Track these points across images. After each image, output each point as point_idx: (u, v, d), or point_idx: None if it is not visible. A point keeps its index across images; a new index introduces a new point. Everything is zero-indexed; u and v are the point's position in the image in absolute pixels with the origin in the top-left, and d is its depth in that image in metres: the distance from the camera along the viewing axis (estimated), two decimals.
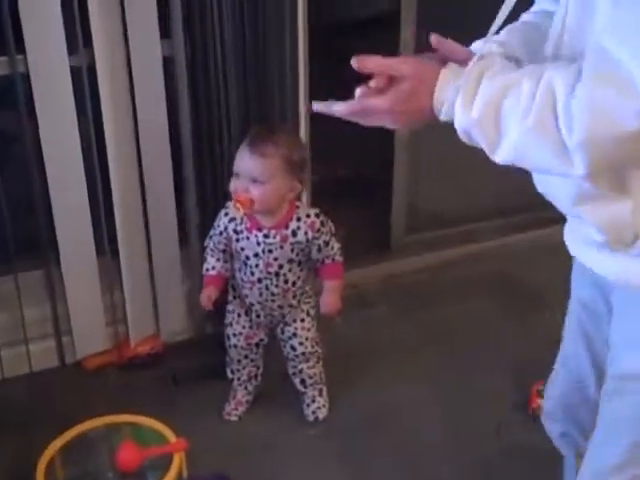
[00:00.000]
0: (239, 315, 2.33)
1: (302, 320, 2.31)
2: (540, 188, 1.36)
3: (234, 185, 2.10)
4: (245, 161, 2.09)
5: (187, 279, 2.62)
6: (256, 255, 2.19)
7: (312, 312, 2.33)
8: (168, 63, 2.35)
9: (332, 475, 2.23)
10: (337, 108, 1.23)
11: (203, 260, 2.30)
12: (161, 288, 2.58)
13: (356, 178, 3.52)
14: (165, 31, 2.30)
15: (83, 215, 2.41)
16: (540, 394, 2.39)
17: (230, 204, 2.18)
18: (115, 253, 2.50)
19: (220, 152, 2.42)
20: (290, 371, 2.39)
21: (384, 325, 2.80)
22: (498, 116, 1.13)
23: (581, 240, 1.35)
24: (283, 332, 2.33)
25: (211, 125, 2.39)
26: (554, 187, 1.29)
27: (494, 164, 1.22)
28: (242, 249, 2.20)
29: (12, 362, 2.53)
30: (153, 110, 2.34)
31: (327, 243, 2.20)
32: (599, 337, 1.49)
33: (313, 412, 2.40)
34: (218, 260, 2.26)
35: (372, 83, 1.20)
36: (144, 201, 2.45)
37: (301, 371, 2.37)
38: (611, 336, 1.40)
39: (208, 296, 2.23)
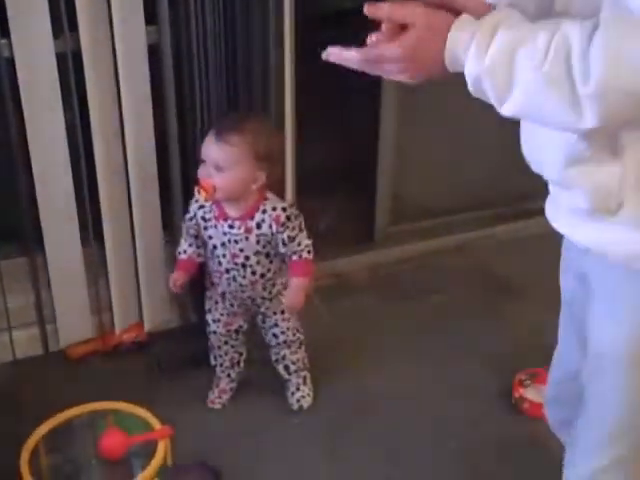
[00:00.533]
0: (217, 302, 2.33)
1: (282, 312, 2.32)
2: (528, 154, 1.36)
3: (200, 171, 2.12)
4: (209, 148, 2.10)
5: (171, 267, 2.61)
6: (222, 245, 2.19)
7: None
8: (153, 50, 2.34)
9: (316, 464, 2.23)
10: (348, 54, 1.21)
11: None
12: (145, 276, 2.58)
13: (341, 168, 3.52)
14: (150, 18, 2.29)
15: (68, 203, 2.40)
16: (522, 384, 2.42)
17: (197, 188, 2.17)
18: (100, 241, 2.50)
19: (204, 141, 2.42)
20: (273, 358, 2.40)
21: (368, 314, 2.81)
22: (511, 64, 1.11)
23: (563, 210, 1.35)
24: (264, 322, 2.34)
25: (195, 112, 2.38)
26: (545, 150, 1.29)
27: (478, 156, 1.22)
28: (210, 237, 2.21)
29: None
30: (138, 97, 2.34)
31: (292, 239, 2.16)
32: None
33: (297, 400, 2.41)
34: (190, 245, 2.26)
35: (383, 28, 1.19)
36: (128, 188, 2.45)
37: (284, 357, 2.38)
38: (590, 318, 1.42)
39: (175, 280, 2.24)
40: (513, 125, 1.47)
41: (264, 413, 2.40)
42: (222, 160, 2.08)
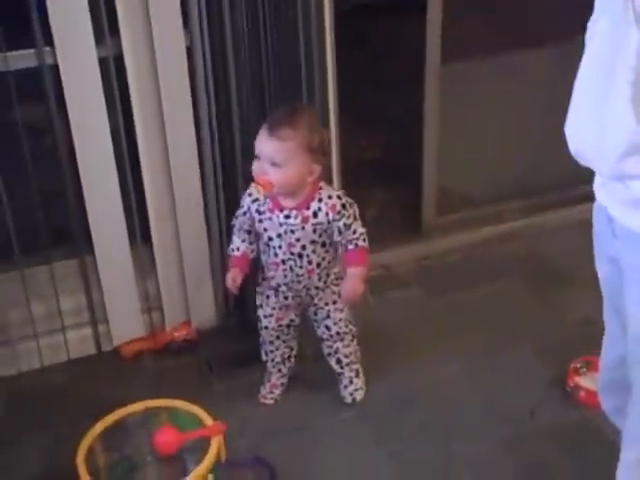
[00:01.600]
0: (268, 297, 2.33)
1: (334, 302, 2.31)
2: (580, 147, 1.33)
3: (255, 167, 2.12)
4: (264, 144, 2.09)
5: (216, 267, 2.64)
6: (279, 236, 2.19)
7: None
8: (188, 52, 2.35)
9: (369, 457, 2.23)
10: None
11: (229, 240, 2.32)
12: (192, 275, 2.60)
13: (387, 160, 3.51)
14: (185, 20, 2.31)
15: (115, 204, 2.44)
16: (578, 372, 2.38)
17: (253, 185, 2.18)
18: (147, 241, 2.53)
19: (241, 142, 2.43)
20: (325, 351, 2.40)
21: (417, 306, 2.80)
22: None
23: (621, 200, 1.34)
24: (316, 314, 2.34)
25: (229, 111, 2.39)
26: (604, 142, 1.26)
27: (523, 144, 1.21)
28: (265, 230, 2.21)
29: (50, 350, 2.57)
30: (178, 98, 2.35)
31: (348, 226, 2.17)
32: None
33: (350, 394, 2.41)
34: (243, 241, 2.27)
35: None
36: (172, 188, 2.47)
37: (337, 351, 2.38)
38: (626, 303, 1.40)
39: (233, 279, 2.23)
40: (558, 112, 1.45)
41: (316, 407, 2.40)
42: (278, 156, 2.07)
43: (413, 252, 3.06)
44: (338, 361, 2.39)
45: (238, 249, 2.27)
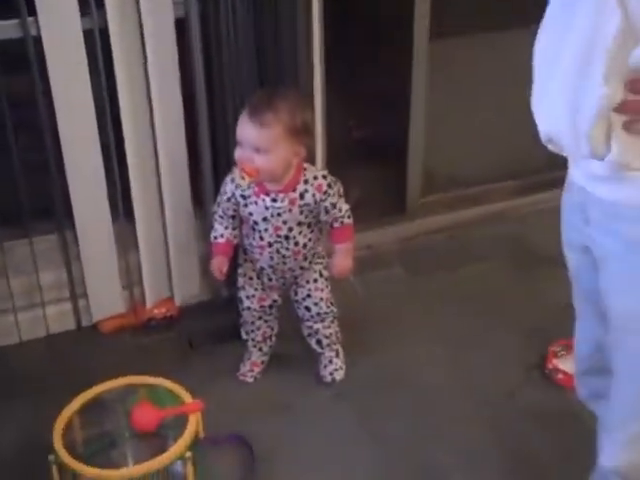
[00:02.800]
0: (250, 278, 2.32)
1: (315, 281, 2.31)
2: (554, 129, 1.32)
3: (238, 154, 2.09)
4: (246, 131, 2.06)
5: (201, 242, 2.62)
6: (265, 219, 2.18)
7: (324, 273, 2.33)
8: (180, 25, 2.33)
9: (348, 436, 2.23)
10: None
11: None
12: (175, 251, 2.59)
13: (372, 139, 3.50)
14: None
15: (98, 178, 2.42)
16: (556, 355, 2.39)
17: (236, 171, 2.15)
18: (130, 216, 2.51)
19: (233, 116, 2.40)
20: (305, 332, 2.40)
21: (400, 286, 2.80)
22: None
23: (590, 174, 1.34)
24: (297, 294, 2.33)
25: (224, 88, 2.38)
26: (578, 120, 1.25)
27: (509, 125, 1.20)
28: (250, 214, 2.19)
29: (29, 325, 2.55)
30: (166, 73, 2.33)
31: (334, 205, 2.18)
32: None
33: (330, 373, 2.41)
34: (227, 228, 2.25)
35: None
36: (157, 163, 2.45)
37: (317, 331, 2.37)
38: (604, 294, 1.41)
39: (219, 268, 2.23)
40: None
41: (296, 386, 2.40)
42: (262, 143, 2.05)
43: (397, 232, 3.05)
44: (318, 342, 2.39)
45: (222, 236, 2.25)
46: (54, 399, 2.02)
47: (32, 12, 2.18)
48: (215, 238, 2.26)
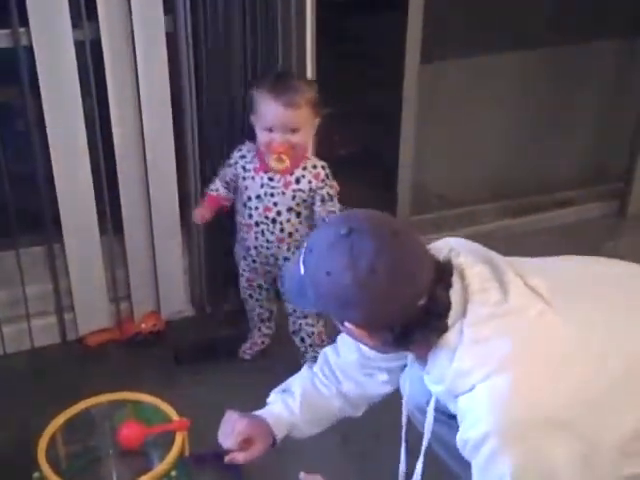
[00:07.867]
0: (244, 257, 2.38)
1: None
2: None
3: (269, 139, 2.16)
4: (280, 115, 2.15)
5: (188, 258, 2.61)
6: (257, 197, 2.25)
7: None
8: (170, 38, 2.32)
9: (335, 444, 2.21)
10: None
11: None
12: (162, 266, 2.58)
13: (362, 157, 3.50)
14: (167, 8, 2.27)
15: (86, 191, 2.40)
16: None
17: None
18: (118, 230, 2.49)
19: (220, 132, 2.42)
20: (291, 328, 2.44)
21: None
22: None
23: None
24: (282, 285, 2.34)
25: (214, 101, 2.38)
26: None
27: (499, 149, 1.20)
28: (246, 188, 2.26)
29: (14, 338, 2.53)
30: (157, 85, 2.32)
31: (331, 197, 2.23)
32: None
33: None
34: (222, 187, 2.33)
35: None
36: (147, 178, 2.43)
37: (300, 328, 2.40)
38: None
39: (202, 216, 2.31)
40: (536, 115, 1.45)
41: None
42: (296, 123, 2.16)
43: None
44: (302, 340, 2.42)
45: (217, 190, 2.33)
46: (38, 413, 2.00)
47: (24, 23, 2.17)
48: (210, 190, 2.34)
